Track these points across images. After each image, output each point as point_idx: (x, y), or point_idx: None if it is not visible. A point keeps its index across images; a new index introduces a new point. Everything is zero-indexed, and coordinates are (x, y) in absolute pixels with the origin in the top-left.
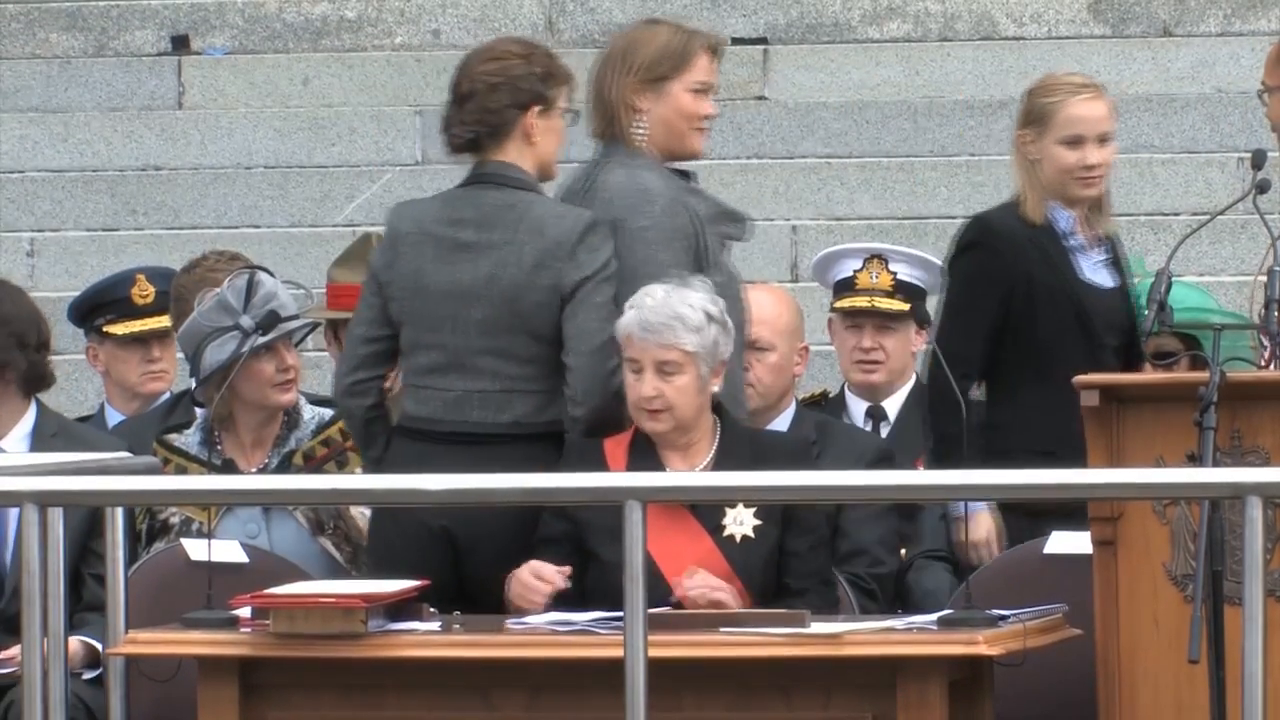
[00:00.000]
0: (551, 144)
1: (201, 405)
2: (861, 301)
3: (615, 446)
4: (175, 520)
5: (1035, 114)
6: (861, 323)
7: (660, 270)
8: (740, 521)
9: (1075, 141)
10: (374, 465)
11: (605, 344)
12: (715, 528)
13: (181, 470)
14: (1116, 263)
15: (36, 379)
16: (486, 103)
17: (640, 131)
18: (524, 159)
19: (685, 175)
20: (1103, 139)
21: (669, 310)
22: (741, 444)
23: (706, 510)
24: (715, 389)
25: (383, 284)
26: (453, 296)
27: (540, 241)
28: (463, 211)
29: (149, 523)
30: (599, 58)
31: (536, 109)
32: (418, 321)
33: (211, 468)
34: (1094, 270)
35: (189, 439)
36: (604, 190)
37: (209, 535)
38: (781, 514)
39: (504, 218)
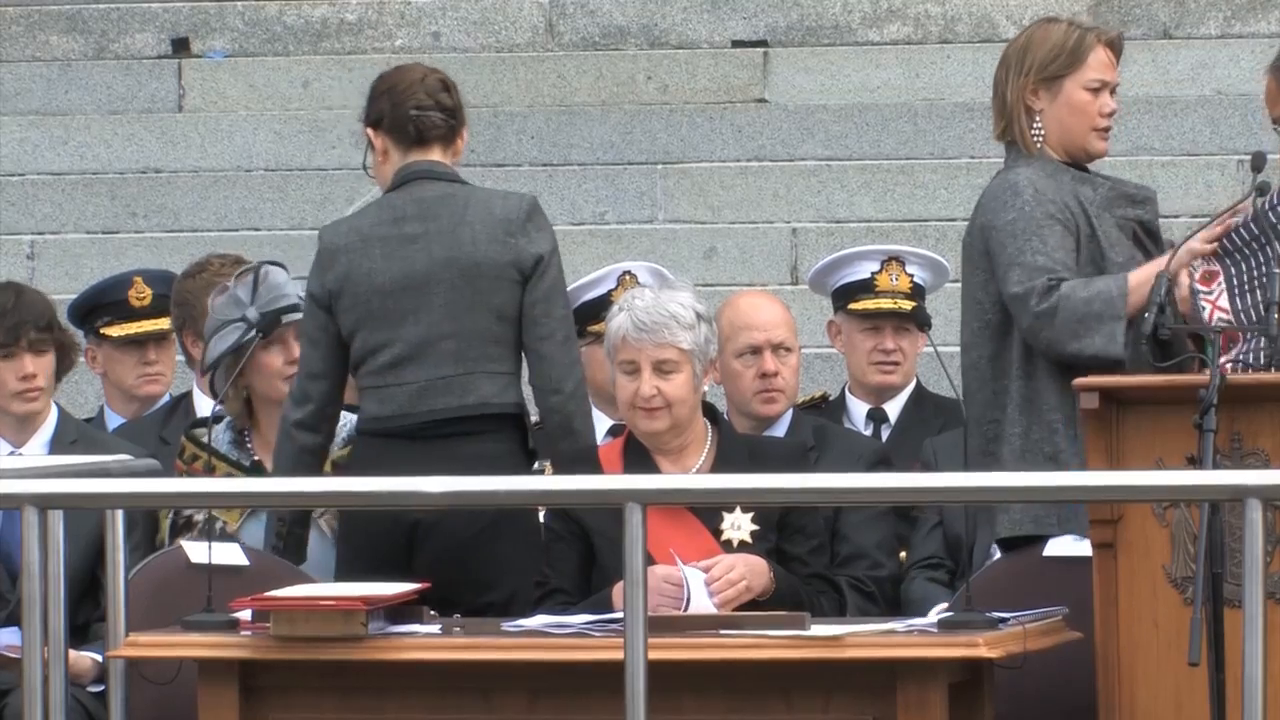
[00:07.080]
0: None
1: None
2: (886, 303)
3: (609, 453)
4: (199, 517)
5: None
6: (882, 324)
7: (1035, 258)
8: (738, 527)
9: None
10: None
11: (573, 334)
12: (713, 532)
13: (210, 468)
14: None
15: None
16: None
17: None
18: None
19: (1085, 170)
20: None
21: (662, 310)
22: (739, 449)
23: (705, 515)
24: (706, 388)
25: (333, 296)
26: (411, 288)
27: (490, 219)
28: (402, 210)
29: (173, 518)
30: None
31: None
32: (375, 322)
33: (240, 469)
34: None
35: (219, 436)
36: (982, 197)
37: (209, 539)
38: (778, 520)
39: (447, 205)
